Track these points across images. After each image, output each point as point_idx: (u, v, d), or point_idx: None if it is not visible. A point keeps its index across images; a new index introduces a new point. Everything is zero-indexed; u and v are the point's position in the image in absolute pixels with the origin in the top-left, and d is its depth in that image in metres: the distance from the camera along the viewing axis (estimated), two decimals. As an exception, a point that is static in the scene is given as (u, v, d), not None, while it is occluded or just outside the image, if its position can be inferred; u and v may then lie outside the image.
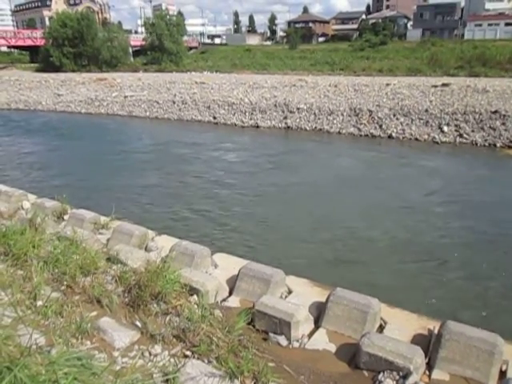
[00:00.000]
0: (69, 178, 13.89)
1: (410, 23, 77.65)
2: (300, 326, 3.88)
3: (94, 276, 4.35)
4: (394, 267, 8.00)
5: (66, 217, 6.93)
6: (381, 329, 4.05)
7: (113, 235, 5.86)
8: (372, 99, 23.70)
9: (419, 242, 9.11)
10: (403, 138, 20.24)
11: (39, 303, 3.76)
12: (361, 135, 21.13)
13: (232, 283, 4.76)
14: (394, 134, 20.50)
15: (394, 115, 21.62)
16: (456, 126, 19.94)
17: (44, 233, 5.76)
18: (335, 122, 22.48)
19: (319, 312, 4.21)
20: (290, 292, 4.69)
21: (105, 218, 6.67)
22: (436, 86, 24.66)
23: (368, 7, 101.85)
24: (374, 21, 71.90)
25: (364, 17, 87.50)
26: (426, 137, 19.90)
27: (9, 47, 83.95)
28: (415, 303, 5.73)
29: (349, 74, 37.66)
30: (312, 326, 4.09)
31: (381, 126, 21.23)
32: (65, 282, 4.21)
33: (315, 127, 22.52)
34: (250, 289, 4.53)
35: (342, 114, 22.75)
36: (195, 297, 4.25)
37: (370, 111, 22.21)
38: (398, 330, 4.00)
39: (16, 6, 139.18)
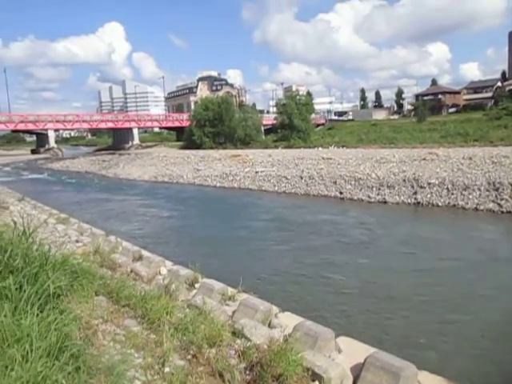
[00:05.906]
0: (203, 247, 14.83)
1: (556, 88, 70.70)
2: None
3: (219, 348, 4.44)
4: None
5: (197, 285, 7.32)
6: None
7: (239, 308, 5.99)
8: (515, 172, 21.51)
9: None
10: (557, 216, 17.75)
11: (167, 369, 3.93)
12: (502, 212, 19.02)
13: (356, 371, 4.41)
14: (544, 212, 18.11)
15: (544, 190, 19.22)
16: None
17: (177, 299, 6.16)
18: (471, 197, 20.72)
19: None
20: (422, 391, 4.19)
21: (232, 289, 6.88)
22: None
23: (503, 74, 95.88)
24: (511, 87, 67.19)
25: (499, 84, 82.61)
26: None
27: (160, 128, 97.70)
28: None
29: (484, 144, 35.02)
30: None
31: (527, 202, 18.97)
32: (191, 352, 4.37)
33: (448, 203, 21.00)
34: (376, 381, 4.15)
35: (479, 189, 20.93)
36: (317, 383, 4.04)
37: (514, 185, 20.09)
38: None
39: (168, 94, 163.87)
